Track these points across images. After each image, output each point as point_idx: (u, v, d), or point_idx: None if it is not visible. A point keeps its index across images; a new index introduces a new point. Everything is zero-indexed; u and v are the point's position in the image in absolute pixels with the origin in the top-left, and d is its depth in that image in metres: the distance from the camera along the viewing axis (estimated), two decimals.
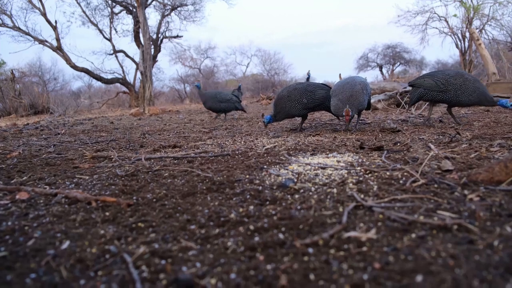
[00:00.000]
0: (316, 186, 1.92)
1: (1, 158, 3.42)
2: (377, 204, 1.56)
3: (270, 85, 25.22)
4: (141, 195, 1.94)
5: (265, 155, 2.91)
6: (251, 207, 1.65)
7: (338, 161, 2.48)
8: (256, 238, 1.32)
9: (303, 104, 4.57)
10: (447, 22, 21.00)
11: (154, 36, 19.80)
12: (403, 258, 1.11)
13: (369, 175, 2.09)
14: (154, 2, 19.22)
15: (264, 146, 3.40)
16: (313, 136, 4.14)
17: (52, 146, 4.19)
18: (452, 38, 21.39)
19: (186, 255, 1.23)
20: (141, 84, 17.70)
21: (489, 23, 19.06)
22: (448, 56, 39.14)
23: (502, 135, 3.26)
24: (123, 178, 2.35)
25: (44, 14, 16.85)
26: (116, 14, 19.60)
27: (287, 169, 2.33)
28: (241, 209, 1.63)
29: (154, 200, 1.86)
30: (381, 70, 30.33)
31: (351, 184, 1.92)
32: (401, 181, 1.91)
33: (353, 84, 4.21)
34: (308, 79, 7.28)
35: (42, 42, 16.99)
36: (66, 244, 1.36)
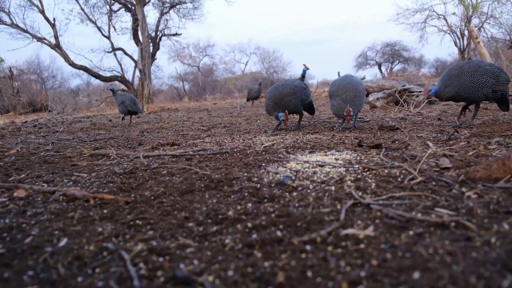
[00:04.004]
0: (314, 184, 1.92)
1: None
2: (375, 202, 1.56)
3: (269, 83, 25.17)
4: (139, 192, 1.94)
5: (263, 153, 2.91)
6: (249, 205, 1.65)
7: (337, 159, 2.49)
8: (254, 236, 1.32)
9: (303, 100, 4.61)
10: (446, 20, 21.02)
11: (153, 34, 19.76)
12: (400, 255, 1.11)
13: (367, 172, 2.09)
14: (152, 0, 19.18)
15: (262, 144, 3.40)
16: (311, 134, 4.14)
17: (50, 144, 4.18)
18: (451, 36, 21.43)
19: (184, 252, 1.23)
20: (139, 82, 17.70)
21: (488, 21, 19.08)
22: (447, 54, 39.21)
23: (500, 133, 3.27)
24: (121, 176, 2.35)
25: (42, 12, 16.80)
26: (115, 11, 19.55)
27: (285, 167, 2.33)
28: (239, 207, 1.63)
29: (152, 197, 1.86)
30: (380, 68, 30.33)
31: (349, 182, 1.92)
32: (399, 179, 1.91)
33: (354, 84, 4.19)
34: (303, 76, 6.85)
35: (41, 39, 16.93)
36: (64, 242, 1.36)
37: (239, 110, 9.88)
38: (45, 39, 17.04)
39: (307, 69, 6.21)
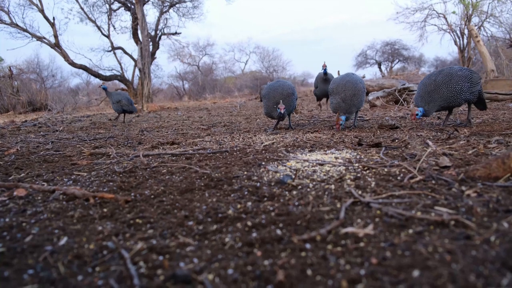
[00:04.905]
0: (314, 183, 1.92)
1: None
2: (374, 200, 1.56)
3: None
4: (139, 191, 1.94)
5: (263, 151, 2.91)
6: (249, 203, 1.65)
7: (336, 158, 2.49)
8: (254, 234, 1.32)
9: (296, 99, 4.70)
10: (446, 19, 20.97)
11: (153, 33, 19.73)
12: (400, 254, 1.11)
13: (367, 171, 2.09)
14: None
15: (262, 143, 3.40)
16: (311, 133, 4.14)
17: (50, 143, 4.18)
18: (451, 35, 21.38)
19: (184, 251, 1.23)
20: (139, 81, 17.67)
21: (488, 20, 19.04)
22: (447, 53, 39.14)
23: (499, 132, 3.27)
24: (121, 175, 2.35)
25: (42, 11, 16.76)
26: (114, 10, 19.52)
27: (285, 166, 2.33)
28: (239, 205, 1.63)
29: (152, 196, 1.86)
30: (379, 67, 30.31)
31: (349, 181, 1.92)
32: (399, 178, 1.91)
33: (354, 83, 4.19)
34: (325, 74, 6.68)
35: (40, 39, 16.90)
36: (63, 240, 1.36)
37: (239, 109, 9.88)
38: (44, 38, 17.00)
39: (325, 66, 6.36)
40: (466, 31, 19.86)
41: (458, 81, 3.72)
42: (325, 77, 6.79)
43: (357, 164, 2.24)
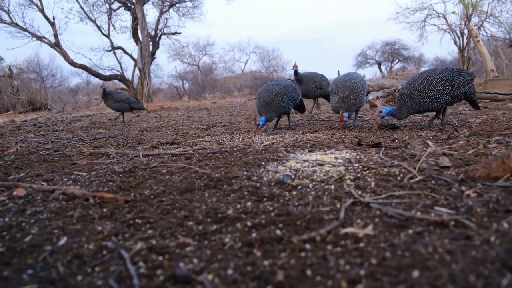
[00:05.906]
0: (314, 183, 1.92)
1: None
2: (374, 201, 1.56)
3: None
4: (139, 191, 1.94)
5: (263, 151, 2.91)
6: (249, 204, 1.65)
7: (336, 158, 2.49)
8: (254, 234, 1.32)
9: (294, 100, 4.60)
10: (445, 19, 20.99)
11: (153, 33, 19.73)
12: (400, 254, 1.11)
13: (367, 171, 2.09)
14: None
15: (262, 143, 3.40)
16: (311, 133, 4.14)
17: (50, 143, 4.18)
18: (451, 35, 21.40)
19: (184, 251, 1.23)
20: (139, 80, 17.69)
21: (487, 20, 19.07)
22: (447, 53, 39.14)
23: (499, 132, 3.27)
24: (121, 175, 2.34)
25: (42, 10, 16.75)
26: (114, 10, 19.51)
27: (285, 166, 2.33)
28: (238, 206, 1.63)
29: (152, 196, 1.86)
30: (379, 67, 30.31)
31: (348, 181, 1.92)
32: (398, 178, 1.91)
33: (353, 82, 4.19)
34: (296, 74, 6.88)
35: (40, 38, 16.89)
36: (63, 240, 1.36)
37: (238, 109, 9.87)
38: (44, 37, 16.99)
39: (295, 67, 6.54)
40: (466, 31, 19.87)
41: (435, 85, 3.64)
42: (296, 77, 6.91)
43: (357, 164, 2.24)
